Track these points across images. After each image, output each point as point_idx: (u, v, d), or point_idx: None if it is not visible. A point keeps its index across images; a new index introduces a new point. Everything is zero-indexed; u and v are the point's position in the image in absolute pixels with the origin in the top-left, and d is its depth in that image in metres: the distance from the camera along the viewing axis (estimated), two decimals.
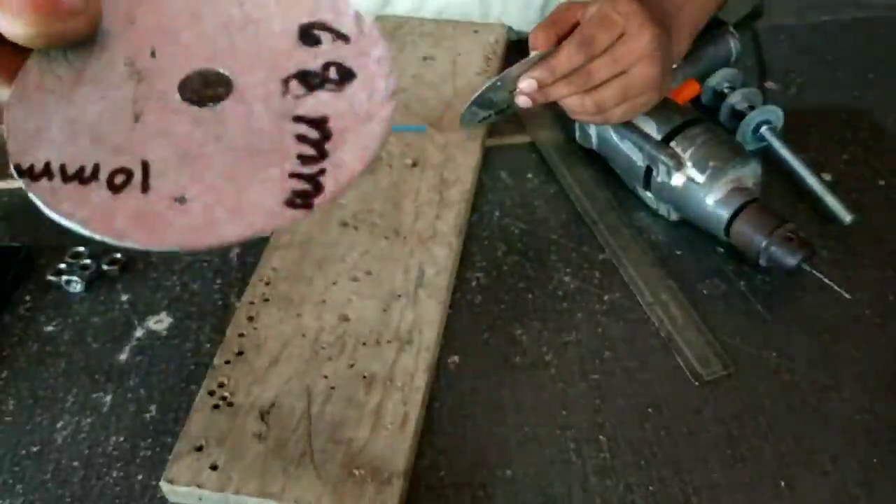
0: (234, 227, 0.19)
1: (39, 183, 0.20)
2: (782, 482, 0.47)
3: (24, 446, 0.50)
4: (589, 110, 0.59)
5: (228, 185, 0.20)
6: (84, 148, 0.20)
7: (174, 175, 0.20)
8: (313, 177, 0.20)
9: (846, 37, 0.82)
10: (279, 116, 0.20)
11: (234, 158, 0.20)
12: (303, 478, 0.45)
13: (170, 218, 0.19)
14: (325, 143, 0.20)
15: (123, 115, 0.20)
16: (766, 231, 0.55)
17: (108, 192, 0.20)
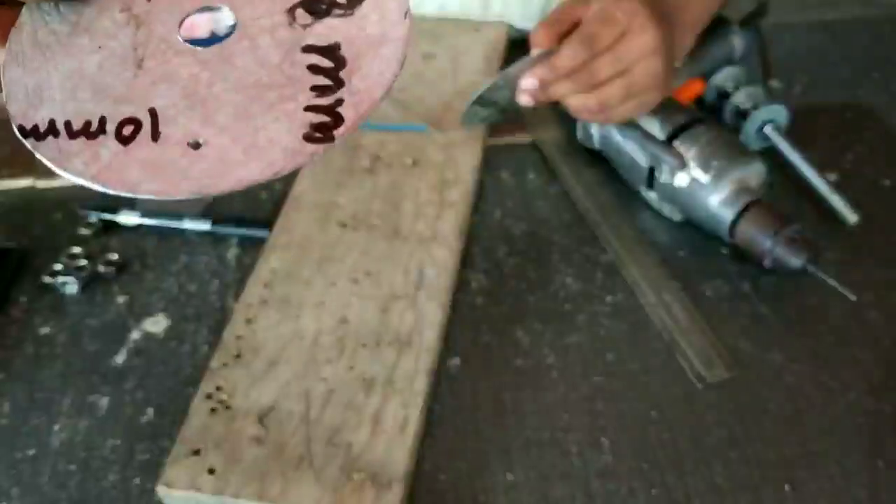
0: (253, 168, 0.19)
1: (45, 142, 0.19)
2: (786, 485, 0.46)
3: (21, 449, 0.49)
4: (591, 109, 0.58)
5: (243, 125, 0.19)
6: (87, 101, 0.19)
7: (184, 120, 0.19)
8: (331, 108, 0.19)
9: (851, 35, 0.81)
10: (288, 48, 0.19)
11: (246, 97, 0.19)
12: (301, 482, 0.45)
13: (185, 165, 0.19)
14: (339, 72, 0.19)
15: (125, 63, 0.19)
16: (771, 232, 0.55)
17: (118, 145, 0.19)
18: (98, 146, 0.19)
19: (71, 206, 0.64)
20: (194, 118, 0.19)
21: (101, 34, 0.19)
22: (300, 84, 0.19)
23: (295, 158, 0.19)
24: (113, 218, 0.62)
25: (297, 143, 0.19)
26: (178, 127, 0.19)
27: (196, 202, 0.64)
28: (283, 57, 0.19)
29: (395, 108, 0.70)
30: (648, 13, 0.55)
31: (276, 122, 0.19)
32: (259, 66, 0.19)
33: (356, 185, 0.63)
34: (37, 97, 0.19)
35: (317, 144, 0.19)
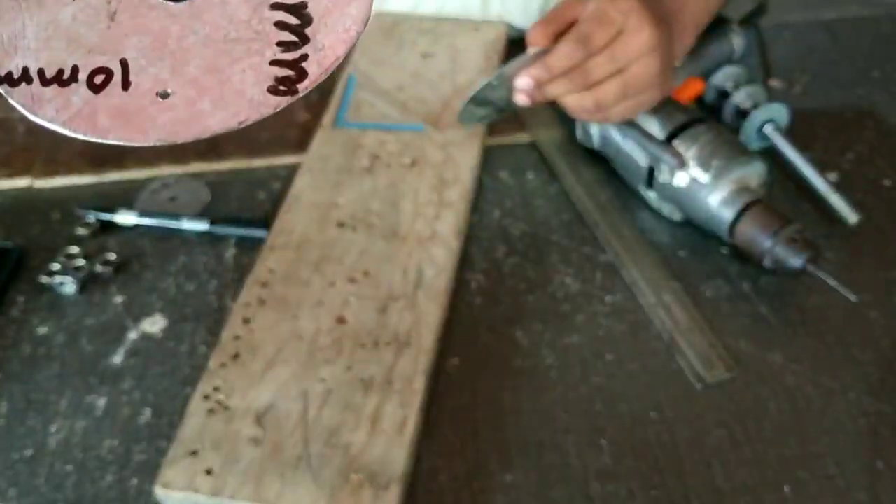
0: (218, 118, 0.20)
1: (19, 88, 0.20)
2: (786, 486, 0.46)
3: (17, 450, 0.49)
4: (588, 109, 0.58)
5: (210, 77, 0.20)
6: (61, 51, 0.20)
7: (154, 71, 0.20)
8: (296, 62, 0.20)
9: (851, 34, 0.81)
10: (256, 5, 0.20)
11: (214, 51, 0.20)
12: (299, 483, 0.44)
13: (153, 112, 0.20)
14: (305, 29, 0.20)
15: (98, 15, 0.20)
16: (771, 232, 0.55)
17: (89, 93, 0.20)
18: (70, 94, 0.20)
19: (68, 205, 0.64)
20: (164, 69, 0.20)
21: None
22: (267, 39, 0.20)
23: (259, 109, 0.20)
24: (110, 218, 0.62)
25: (261, 96, 0.20)
26: (148, 77, 0.20)
27: (194, 203, 0.64)
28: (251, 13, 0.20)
29: (394, 107, 0.70)
30: (645, 12, 0.55)
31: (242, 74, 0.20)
32: (228, 22, 0.20)
33: (355, 185, 0.63)
34: (11, 46, 0.20)
35: (280, 97, 0.20)
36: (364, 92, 0.71)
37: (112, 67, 0.20)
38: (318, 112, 0.71)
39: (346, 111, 0.70)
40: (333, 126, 0.68)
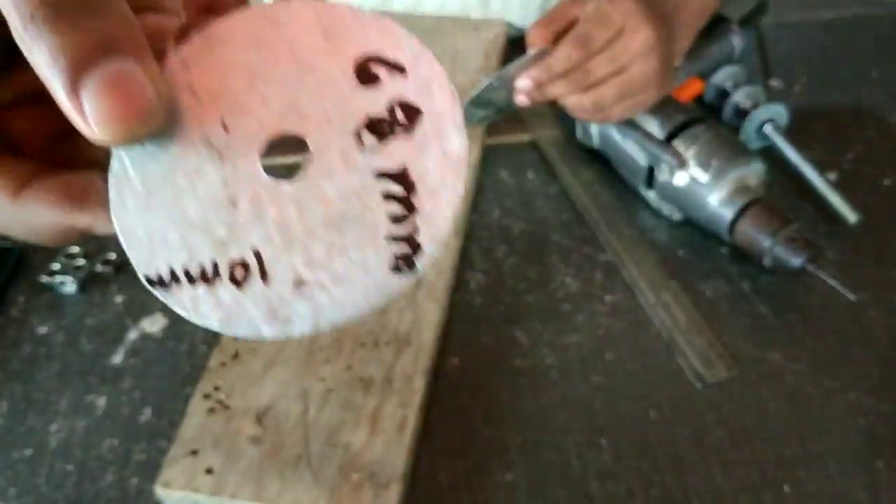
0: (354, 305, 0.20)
1: (171, 291, 0.20)
2: (786, 485, 0.46)
3: (18, 449, 0.49)
4: (588, 109, 0.58)
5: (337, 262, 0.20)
6: (197, 246, 0.20)
7: (285, 259, 0.20)
8: (410, 237, 0.20)
9: (851, 34, 0.81)
10: (362, 176, 0.20)
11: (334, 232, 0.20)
12: (299, 482, 0.45)
13: (294, 302, 0.20)
14: (411, 197, 0.20)
15: (220, 203, 0.20)
16: (771, 231, 0.55)
17: (234, 288, 0.20)
18: (217, 291, 0.20)
19: None
20: (294, 256, 0.20)
21: (191, 172, 0.20)
22: (379, 214, 0.20)
23: (388, 291, 0.20)
24: None
25: (387, 276, 0.20)
26: (281, 266, 0.20)
27: None
28: (359, 185, 0.20)
29: None
30: (644, 12, 0.55)
31: (364, 255, 0.20)
32: (339, 197, 0.20)
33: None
34: (150, 246, 0.20)
35: (402, 276, 0.20)
36: None
37: (247, 259, 0.20)
38: None
39: None
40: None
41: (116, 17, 0.18)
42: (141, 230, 0.20)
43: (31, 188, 0.21)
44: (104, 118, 0.18)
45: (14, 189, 0.21)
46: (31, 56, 0.18)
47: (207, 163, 0.20)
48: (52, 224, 0.21)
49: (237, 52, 0.21)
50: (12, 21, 0.18)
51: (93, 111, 0.18)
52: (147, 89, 0.18)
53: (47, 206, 0.21)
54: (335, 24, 0.21)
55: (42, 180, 0.21)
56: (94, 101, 0.18)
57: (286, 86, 0.20)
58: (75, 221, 0.21)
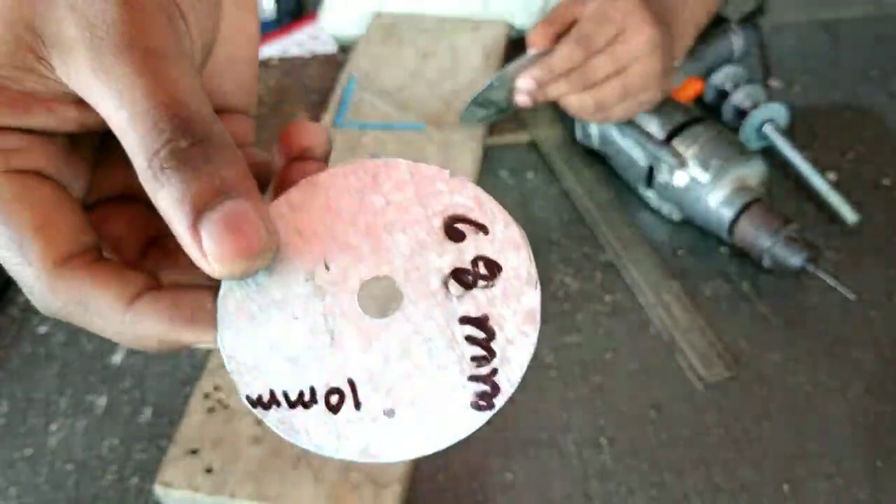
0: (436, 435, 0.22)
1: (271, 412, 0.22)
2: (786, 485, 0.46)
3: (18, 449, 0.49)
4: (589, 109, 0.58)
5: (423, 399, 0.22)
6: (297, 372, 0.22)
7: (375, 391, 0.22)
8: (489, 377, 0.22)
9: (851, 34, 0.81)
10: (447, 320, 0.22)
11: (421, 369, 0.22)
12: (299, 482, 0.45)
13: (382, 432, 0.22)
14: (490, 342, 0.22)
15: (320, 335, 0.22)
16: (770, 231, 0.55)
17: (329, 413, 0.22)
18: (313, 415, 0.22)
19: None
20: (383, 389, 0.22)
21: (294, 305, 0.22)
22: (462, 355, 0.22)
23: (468, 426, 0.22)
24: None
25: (467, 412, 0.22)
26: (372, 397, 0.22)
27: None
28: (445, 328, 0.22)
29: (394, 107, 0.70)
30: (645, 12, 0.55)
31: (449, 394, 0.22)
32: (426, 339, 0.22)
33: None
34: (255, 369, 0.22)
35: (481, 413, 0.22)
36: (364, 92, 0.71)
37: (342, 388, 0.22)
38: (318, 112, 0.71)
39: (347, 111, 0.70)
40: (333, 126, 0.68)
41: (231, 162, 0.20)
42: (245, 354, 0.22)
43: (142, 301, 0.22)
44: (222, 255, 0.20)
45: (128, 300, 0.22)
46: (156, 199, 0.20)
47: (310, 297, 0.22)
48: (159, 336, 0.23)
49: (340, 199, 0.23)
50: (139, 166, 0.20)
51: (211, 249, 0.20)
52: (259, 229, 0.20)
53: (157, 321, 0.22)
54: (426, 183, 0.23)
55: (154, 294, 0.23)
56: (212, 239, 0.20)
57: (382, 234, 0.23)
58: (181, 337, 0.23)
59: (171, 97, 0.20)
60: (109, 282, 0.22)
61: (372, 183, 0.23)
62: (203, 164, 0.20)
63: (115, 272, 0.23)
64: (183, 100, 0.20)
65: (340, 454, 0.22)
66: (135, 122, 0.20)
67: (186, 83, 0.20)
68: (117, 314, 0.22)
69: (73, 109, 0.22)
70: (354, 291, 0.22)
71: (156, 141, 0.20)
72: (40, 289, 0.22)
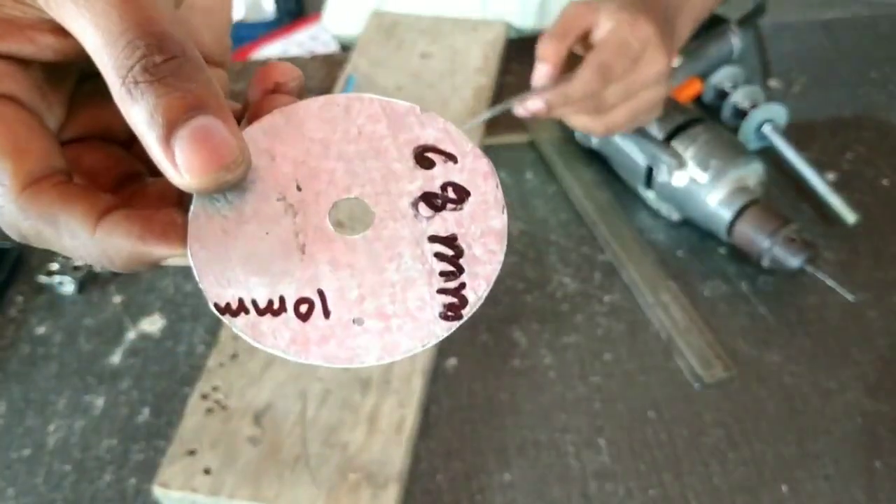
0: (405, 342, 0.23)
1: (239, 318, 0.23)
2: (784, 486, 0.46)
3: (16, 449, 0.49)
4: (597, 133, 0.58)
5: (392, 305, 0.23)
6: (266, 283, 0.23)
7: (346, 300, 0.23)
8: (457, 290, 0.23)
9: (850, 34, 0.81)
10: (417, 238, 0.23)
11: (391, 281, 0.23)
12: (298, 482, 0.45)
13: (353, 339, 0.23)
14: (459, 259, 0.23)
15: (290, 249, 0.23)
16: (769, 232, 0.55)
17: (298, 321, 0.23)
18: (282, 323, 0.23)
19: None
20: (353, 298, 0.23)
21: (265, 220, 0.23)
22: (431, 270, 0.23)
23: (435, 333, 0.23)
24: None
25: (435, 321, 0.23)
26: (342, 306, 0.23)
27: None
28: (414, 246, 0.23)
29: None
30: (660, 41, 0.54)
31: (419, 302, 0.23)
32: (397, 253, 0.23)
33: None
34: (223, 279, 0.23)
35: (449, 322, 0.23)
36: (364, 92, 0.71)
37: (312, 297, 0.23)
38: None
39: None
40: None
41: (203, 83, 0.21)
42: (215, 266, 0.23)
43: (111, 218, 0.23)
44: (193, 167, 0.21)
45: (98, 216, 0.23)
46: (129, 116, 0.21)
47: (281, 214, 0.23)
48: (128, 253, 0.23)
49: (313, 129, 0.24)
50: (112, 84, 0.21)
51: (183, 160, 0.20)
52: (231, 142, 0.21)
53: (127, 236, 0.23)
54: (398, 118, 0.24)
55: (122, 212, 0.23)
56: (184, 151, 0.20)
57: (354, 160, 0.24)
58: (152, 252, 0.23)
59: (147, 19, 0.20)
60: (79, 199, 0.23)
61: (344, 114, 0.24)
62: (176, 81, 0.20)
63: (85, 191, 0.23)
64: (158, 20, 0.21)
65: (306, 359, 0.22)
66: (110, 42, 0.20)
67: (161, 9, 0.21)
68: (87, 230, 0.23)
69: (51, 37, 0.22)
70: (326, 210, 0.24)
71: (129, 58, 0.20)
72: (10, 208, 0.22)
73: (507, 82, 0.74)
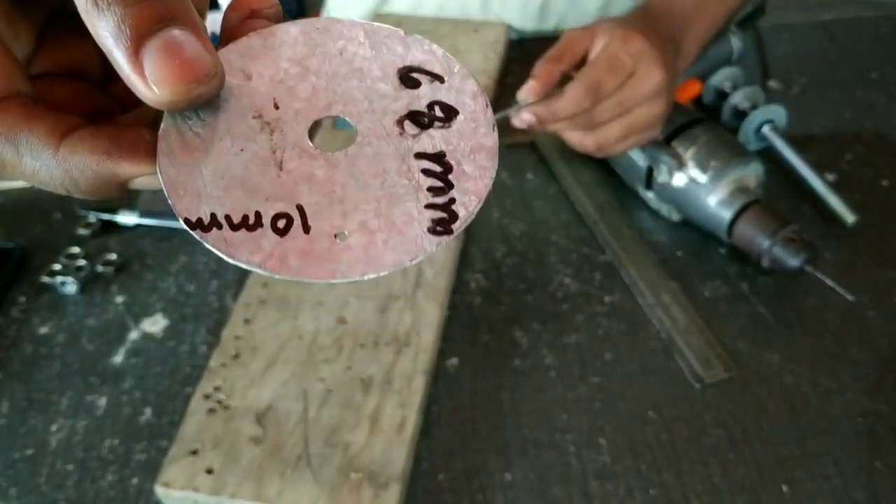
0: (391, 257, 0.21)
1: (211, 233, 0.21)
2: (784, 486, 0.46)
3: (19, 449, 0.49)
4: (589, 148, 0.58)
5: (377, 220, 0.22)
6: (241, 198, 0.22)
7: (327, 215, 0.22)
8: (446, 206, 0.22)
9: (850, 36, 0.81)
10: (403, 155, 0.22)
11: (375, 196, 0.22)
12: (299, 482, 0.45)
13: (334, 253, 0.21)
14: (448, 175, 0.22)
15: (267, 165, 0.22)
16: (769, 232, 0.55)
17: (275, 236, 0.21)
18: (258, 238, 0.21)
19: (70, 206, 0.64)
20: (336, 214, 0.22)
21: (240, 138, 0.22)
22: (419, 186, 0.22)
23: (425, 247, 0.22)
24: (112, 218, 0.62)
25: (424, 236, 0.22)
26: (324, 221, 0.22)
27: None
28: (399, 162, 0.22)
29: None
30: (655, 54, 0.54)
31: (405, 217, 0.22)
32: (382, 170, 0.22)
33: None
34: (195, 195, 0.21)
35: (438, 237, 0.22)
36: None
37: (291, 213, 0.22)
38: None
39: None
40: (334, 126, 0.68)
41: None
42: (186, 182, 0.22)
43: (75, 136, 0.22)
44: (163, 78, 0.20)
45: (61, 134, 0.22)
46: (96, 30, 0.20)
47: (257, 132, 0.22)
48: (93, 172, 0.22)
49: (290, 50, 0.23)
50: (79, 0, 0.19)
51: (153, 72, 0.19)
52: (203, 53, 0.20)
53: (92, 153, 0.22)
54: (382, 40, 0.24)
55: (88, 129, 0.22)
56: (154, 64, 0.19)
57: (335, 80, 0.23)
58: (119, 170, 0.22)
59: None
60: (42, 118, 0.22)
61: (324, 36, 0.24)
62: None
63: (48, 111, 0.22)
64: None
65: (284, 274, 0.21)
66: None
67: None
68: (50, 148, 0.22)
69: None
70: (305, 128, 0.23)
71: None
72: None
73: (508, 83, 0.75)
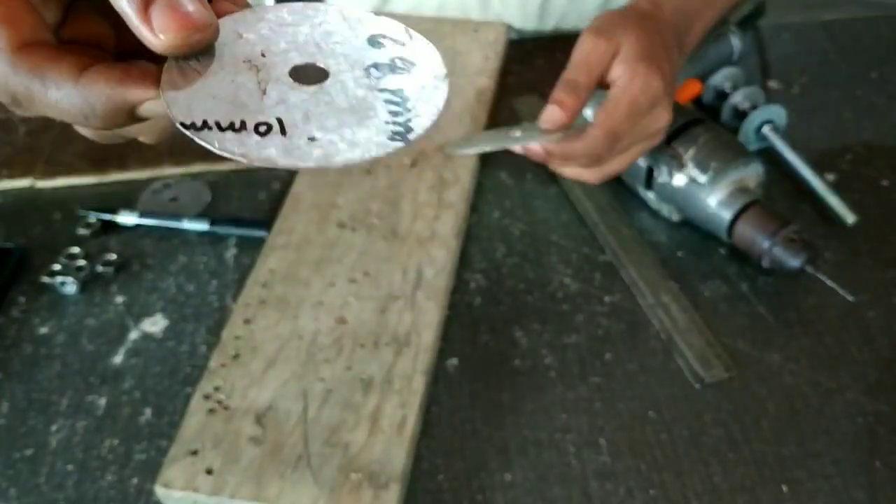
0: (356, 153, 0.26)
1: (202, 132, 0.26)
2: (784, 486, 0.46)
3: (18, 449, 0.49)
4: (589, 181, 0.58)
5: (345, 130, 0.27)
6: (230, 111, 0.27)
7: (302, 126, 0.27)
8: (404, 122, 0.28)
9: (850, 35, 0.81)
10: (368, 89, 0.28)
11: (345, 114, 0.27)
12: (299, 482, 0.45)
13: (307, 150, 0.26)
14: (406, 103, 0.28)
15: (253, 90, 0.27)
16: (769, 232, 0.55)
17: (257, 136, 0.26)
18: (243, 137, 0.26)
19: (70, 206, 0.64)
20: (310, 125, 0.27)
21: (232, 72, 0.28)
22: (381, 108, 0.28)
23: (384, 148, 0.27)
24: (112, 218, 0.62)
25: (384, 141, 0.27)
26: (299, 129, 0.27)
27: (195, 203, 0.64)
28: (366, 93, 0.28)
29: None
30: (668, 99, 0.54)
31: (368, 128, 0.27)
32: (351, 98, 0.28)
33: (355, 186, 0.63)
34: (190, 107, 0.26)
35: (398, 142, 0.27)
36: None
37: (271, 123, 0.27)
38: None
39: None
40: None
41: None
42: (184, 100, 0.26)
43: (92, 70, 0.27)
44: (167, 27, 0.25)
45: (79, 70, 0.27)
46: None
47: (246, 70, 0.28)
48: (108, 98, 0.27)
49: (276, 21, 0.30)
50: None
51: (158, 23, 0.25)
52: (200, 10, 0.26)
53: (107, 82, 0.27)
54: (353, 18, 0.30)
55: (107, 64, 0.28)
56: (160, 17, 0.25)
57: (314, 39, 0.29)
58: (129, 95, 0.27)
59: None
60: (65, 56, 0.27)
61: (308, 13, 0.30)
62: None
63: (69, 51, 0.28)
64: None
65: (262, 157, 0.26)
66: None
67: None
68: (71, 79, 0.27)
69: None
70: (287, 69, 0.28)
71: None
72: (3, 68, 0.27)
73: (508, 83, 0.75)
